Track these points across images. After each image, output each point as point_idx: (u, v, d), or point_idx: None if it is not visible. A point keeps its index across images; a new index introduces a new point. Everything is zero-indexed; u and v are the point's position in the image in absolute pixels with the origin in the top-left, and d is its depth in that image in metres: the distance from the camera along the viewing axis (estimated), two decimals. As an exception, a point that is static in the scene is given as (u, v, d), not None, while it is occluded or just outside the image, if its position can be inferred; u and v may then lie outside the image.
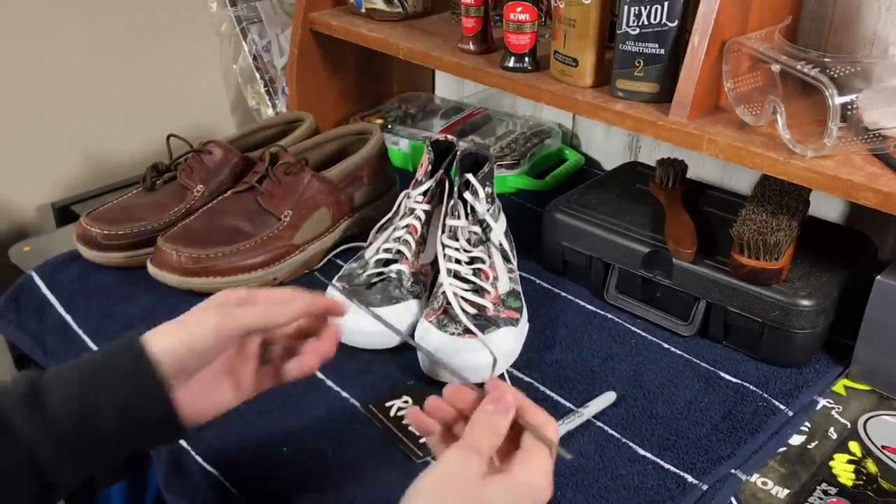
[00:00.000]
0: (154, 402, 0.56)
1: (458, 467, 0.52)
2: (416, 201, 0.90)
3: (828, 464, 0.72)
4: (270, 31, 1.33)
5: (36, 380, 0.55)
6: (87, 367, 0.56)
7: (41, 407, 0.53)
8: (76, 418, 0.54)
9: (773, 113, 0.75)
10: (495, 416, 0.55)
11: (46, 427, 0.53)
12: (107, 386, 0.55)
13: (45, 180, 1.22)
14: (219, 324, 0.58)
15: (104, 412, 0.54)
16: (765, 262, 0.80)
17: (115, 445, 0.56)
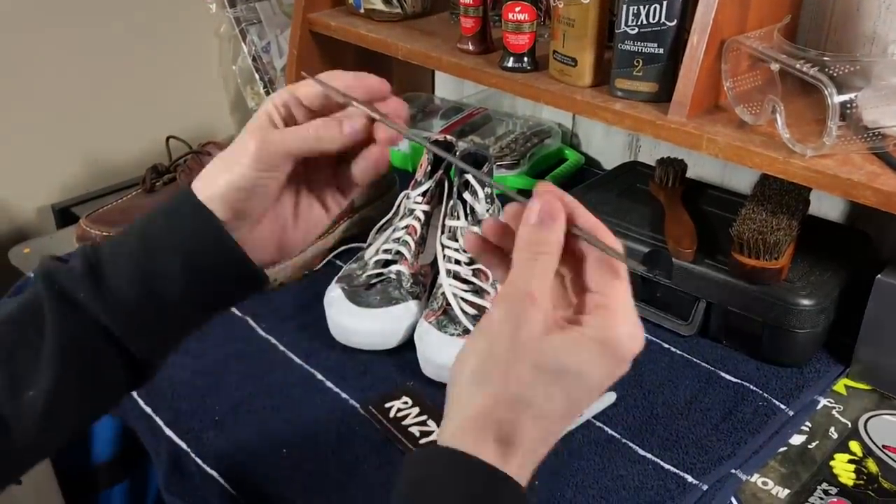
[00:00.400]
0: (219, 250, 0.51)
1: (505, 323, 0.42)
2: (416, 202, 0.90)
3: (828, 463, 0.72)
4: (270, 32, 1.33)
5: (96, 254, 0.52)
6: (145, 230, 0.52)
7: (101, 281, 0.50)
8: (141, 288, 0.50)
9: (772, 112, 0.75)
10: (541, 231, 0.43)
11: (110, 302, 0.50)
12: (167, 246, 0.51)
13: (45, 182, 1.22)
14: (257, 155, 0.51)
15: (168, 274, 0.51)
16: (765, 262, 0.79)
17: (189, 306, 0.52)
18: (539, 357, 0.42)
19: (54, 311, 0.50)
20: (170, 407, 0.79)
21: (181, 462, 0.74)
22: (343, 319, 0.85)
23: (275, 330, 0.89)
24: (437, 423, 0.75)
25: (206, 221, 0.51)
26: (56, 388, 0.50)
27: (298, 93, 0.53)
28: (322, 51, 1.19)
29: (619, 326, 0.43)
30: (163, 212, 0.53)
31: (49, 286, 0.51)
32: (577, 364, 0.42)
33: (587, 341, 0.42)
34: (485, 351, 0.43)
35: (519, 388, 0.42)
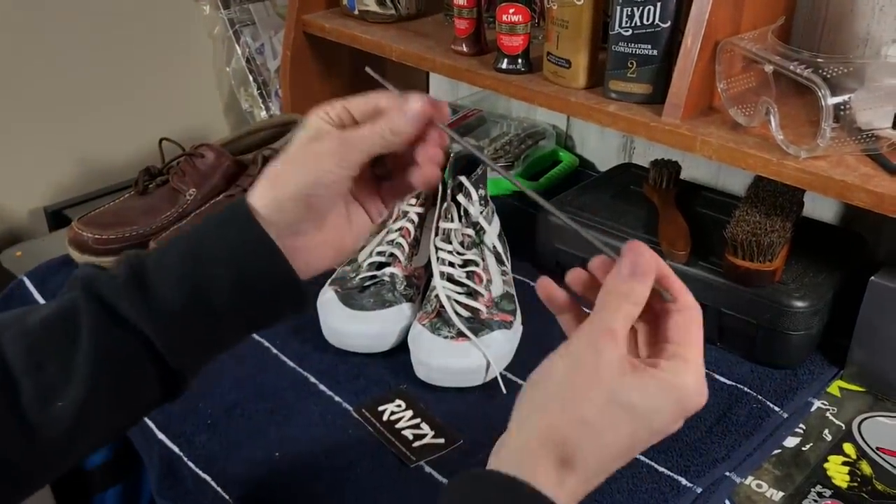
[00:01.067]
0: (270, 265, 0.52)
1: (588, 351, 0.44)
2: (409, 204, 0.90)
3: (822, 465, 0.72)
4: (263, 34, 1.33)
5: (141, 261, 0.51)
6: (196, 241, 0.52)
7: (146, 289, 0.50)
8: (186, 299, 0.50)
9: (766, 114, 0.75)
10: (632, 282, 0.46)
11: (154, 312, 0.50)
12: (217, 258, 0.51)
13: (37, 184, 1.22)
14: (339, 152, 0.52)
15: (216, 284, 0.50)
16: (758, 264, 0.79)
17: (232, 320, 0.52)
18: (614, 389, 0.44)
19: (92, 319, 0.49)
20: (162, 411, 0.77)
21: (174, 466, 0.74)
22: (336, 322, 0.84)
23: (267, 333, 0.88)
24: (430, 425, 0.75)
25: (259, 235, 0.51)
26: (87, 399, 0.49)
27: (352, 107, 0.55)
28: (316, 52, 1.19)
29: (690, 376, 0.45)
30: (214, 223, 0.53)
31: (89, 294, 0.50)
32: (647, 403, 0.44)
33: (658, 383, 0.44)
34: (563, 375, 0.45)
35: (590, 413, 0.44)
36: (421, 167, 0.56)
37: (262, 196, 0.52)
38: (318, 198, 0.53)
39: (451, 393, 0.80)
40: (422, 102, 0.54)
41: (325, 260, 0.56)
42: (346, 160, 0.53)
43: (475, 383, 0.80)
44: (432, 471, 0.71)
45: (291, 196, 0.52)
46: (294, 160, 0.53)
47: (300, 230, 0.53)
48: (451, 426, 0.76)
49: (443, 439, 0.74)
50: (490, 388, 0.80)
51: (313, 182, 0.52)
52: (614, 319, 0.45)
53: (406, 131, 0.54)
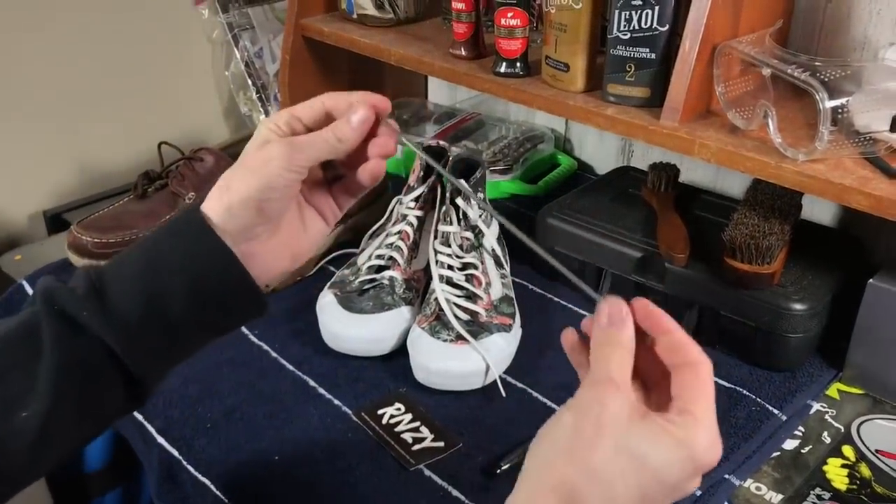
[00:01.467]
0: (226, 273, 0.52)
1: (594, 403, 0.44)
2: (409, 207, 0.90)
3: (822, 468, 0.72)
4: (262, 38, 1.33)
5: (99, 274, 0.52)
6: (150, 251, 0.53)
7: (105, 300, 0.51)
8: (145, 309, 0.51)
9: (764, 117, 0.75)
10: (611, 331, 0.47)
11: (114, 323, 0.50)
12: (173, 267, 0.52)
13: (37, 188, 1.22)
14: (288, 158, 0.53)
15: (173, 295, 0.51)
16: (757, 267, 0.79)
17: (192, 328, 0.53)
18: (622, 439, 0.43)
19: (54, 331, 0.50)
20: (161, 414, 0.78)
21: (173, 470, 0.74)
22: (335, 325, 0.84)
23: (267, 336, 0.89)
24: (429, 429, 0.75)
25: (214, 243, 0.52)
26: (52, 409, 0.49)
27: (298, 112, 0.56)
28: (315, 56, 1.19)
29: (701, 432, 0.44)
30: (169, 233, 0.53)
31: (49, 307, 0.51)
32: (657, 455, 0.43)
33: (668, 435, 0.43)
34: (571, 426, 0.45)
35: (599, 464, 0.43)
36: (367, 163, 0.58)
37: (215, 204, 0.53)
38: (269, 202, 0.54)
39: (450, 396, 0.80)
40: (364, 111, 0.56)
41: (281, 263, 0.58)
42: (294, 164, 0.54)
43: (474, 386, 0.80)
44: (432, 474, 0.71)
45: (242, 202, 0.53)
46: (244, 167, 0.54)
47: (254, 235, 0.54)
48: (451, 429, 0.76)
49: (442, 443, 0.74)
50: (489, 391, 0.80)
51: (264, 187, 0.53)
52: (610, 369, 0.45)
53: (351, 138, 0.56)
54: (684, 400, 0.45)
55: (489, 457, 0.73)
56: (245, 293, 0.54)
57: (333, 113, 0.57)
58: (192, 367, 0.84)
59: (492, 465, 0.71)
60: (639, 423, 0.43)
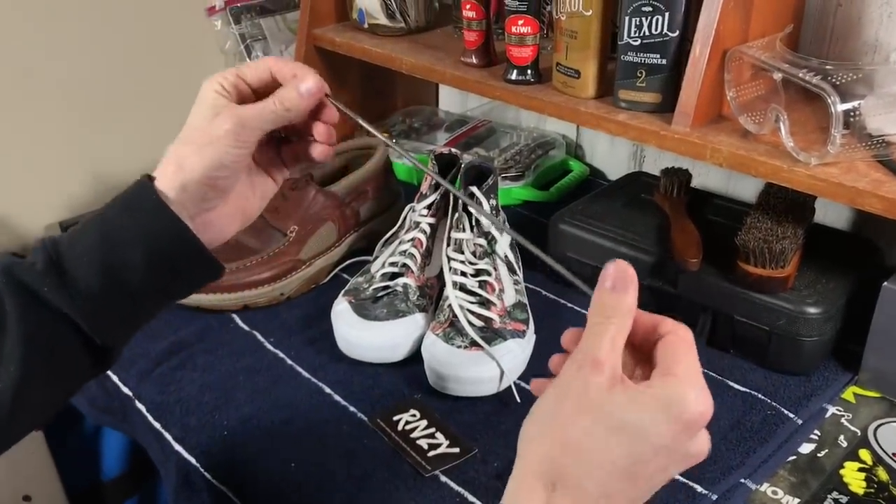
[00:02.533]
0: (180, 242, 0.54)
1: (575, 385, 0.44)
2: (421, 214, 0.90)
3: (838, 472, 0.72)
4: (274, 48, 1.34)
5: (56, 248, 0.53)
6: (104, 224, 0.54)
7: (63, 272, 0.52)
8: (103, 281, 0.53)
9: (776, 121, 0.75)
10: (612, 294, 0.45)
11: (73, 296, 0.52)
12: (128, 239, 0.53)
13: (54, 199, 1.23)
14: (235, 132, 0.55)
15: (130, 267, 0.53)
16: (771, 271, 0.79)
17: (151, 296, 0.55)
18: (601, 411, 0.43)
19: (17, 305, 0.52)
20: (179, 422, 0.79)
21: (190, 477, 0.74)
22: (350, 333, 0.85)
23: (282, 344, 0.89)
24: (444, 435, 0.75)
25: (166, 215, 0.54)
26: (21, 382, 0.51)
27: (243, 73, 0.58)
28: (326, 66, 1.20)
29: (684, 387, 0.43)
30: (121, 205, 0.55)
31: (9, 281, 0.52)
32: (638, 418, 0.42)
33: (649, 398, 0.43)
34: (551, 406, 0.45)
35: (577, 435, 0.43)
36: (317, 144, 0.61)
37: (168, 181, 0.55)
38: (221, 179, 0.56)
39: (465, 402, 0.80)
40: (313, 80, 0.57)
41: (233, 225, 0.60)
42: (242, 139, 0.55)
43: (489, 392, 0.80)
44: (448, 480, 0.71)
45: (195, 179, 0.55)
46: (194, 142, 0.56)
47: (208, 207, 0.57)
48: (466, 435, 0.76)
49: (458, 449, 0.74)
50: (504, 397, 0.80)
51: (216, 164, 0.55)
52: (599, 347, 0.44)
53: (299, 106, 0.57)
54: (664, 364, 0.44)
55: (505, 462, 0.73)
56: (200, 262, 0.56)
57: (278, 77, 0.58)
58: (209, 375, 0.84)
59: (507, 471, 0.71)
60: (619, 392, 0.43)
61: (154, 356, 0.87)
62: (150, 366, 0.86)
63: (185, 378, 0.84)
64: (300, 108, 0.57)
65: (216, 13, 1.31)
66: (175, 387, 0.83)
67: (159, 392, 0.82)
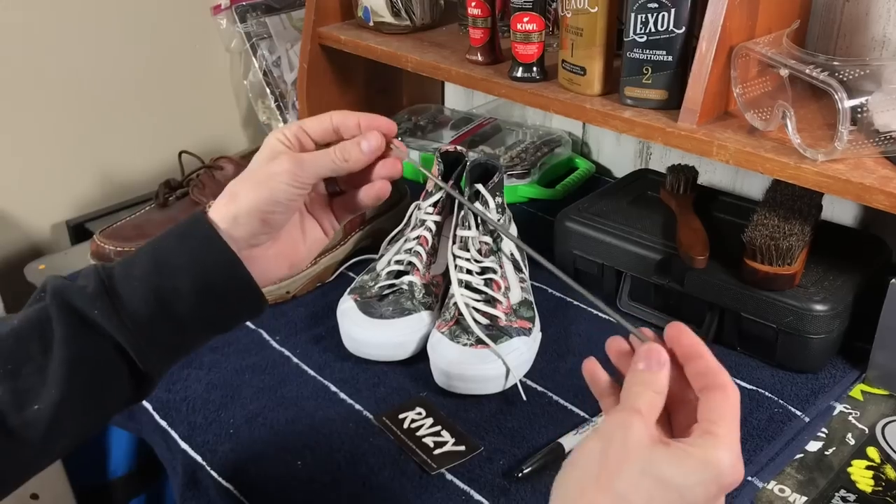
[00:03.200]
0: (230, 274, 0.55)
1: (618, 429, 0.45)
2: (427, 212, 0.90)
3: (846, 470, 0.71)
4: (280, 47, 1.34)
5: (109, 273, 0.54)
6: (160, 253, 0.55)
7: (115, 299, 0.53)
8: (153, 307, 0.53)
9: (782, 117, 0.75)
10: (647, 374, 0.47)
11: (124, 320, 0.53)
12: (180, 268, 0.54)
13: (59, 199, 1.23)
14: (293, 173, 0.56)
15: (181, 294, 0.54)
16: (778, 268, 0.79)
17: (197, 326, 0.56)
18: (646, 463, 0.43)
19: (65, 327, 0.52)
20: (185, 421, 0.79)
21: (196, 475, 0.75)
22: (356, 331, 0.85)
23: (288, 342, 0.89)
24: (450, 433, 0.75)
25: (219, 247, 0.55)
26: (62, 402, 0.51)
27: (307, 126, 0.59)
28: (332, 64, 1.20)
29: (723, 450, 0.44)
30: (175, 235, 0.56)
31: (60, 304, 0.53)
32: (681, 477, 0.43)
33: (691, 457, 0.43)
34: (597, 453, 0.45)
35: (626, 488, 0.43)
36: (373, 184, 0.61)
37: (221, 212, 0.56)
38: (273, 214, 0.57)
39: (471, 400, 0.80)
40: (377, 139, 0.59)
41: (280, 270, 0.61)
42: (298, 180, 0.56)
43: (495, 390, 0.80)
44: (453, 478, 0.71)
45: (247, 212, 0.56)
46: (251, 179, 0.57)
47: (257, 242, 0.57)
48: (472, 433, 0.76)
49: (463, 447, 0.74)
50: (510, 395, 0.80)
51: (268, 200, 0.56)
52: (638, 401, 0.46)
53: (359, 160, 0.59)
54: (709, 421, 0.45)
55: (510, 460, 0.73)
56: (247, 295, 0.57)
57: (341, 129, 0.60)
58: (215, 373, 0.84)
59: (513, 469, 0.72)
60: (662, 448, 0.44)
61: (160, 354, 0.87)
62: (157, 364, 0.86)
63: (191, 376, 0.84)
64: (359, 162, 0.59)
65: (221, 12, 1.31)
66: (181, 385, 0.83)
67: (166, 390, 0.83)
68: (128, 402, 0.57)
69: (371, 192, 0.62)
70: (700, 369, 0.47)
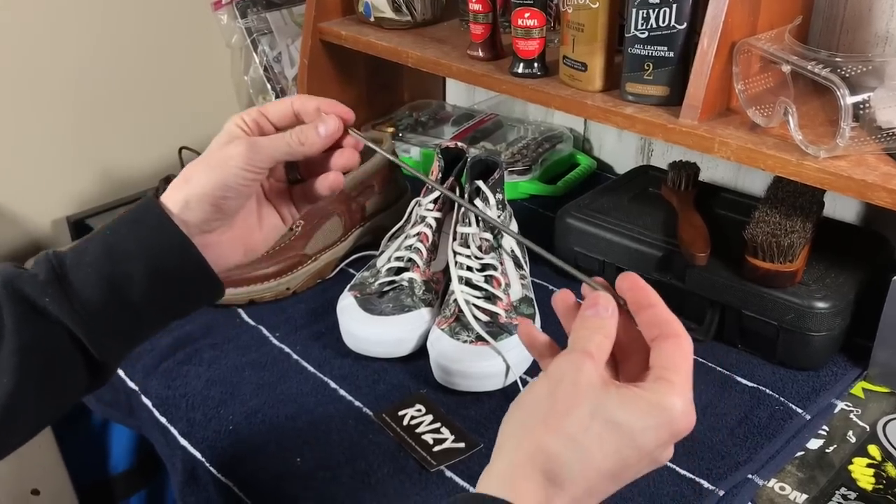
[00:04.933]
0: (183, 258, 0.54)
1: (568, 370, 0.44)
2: (427, 209, 0.90)
3: (847, 468, 0.71)
4: (280, 42, 1.34)
5: (60, 260, 0.53)
6: (112, 239, 0.54)
7: (67, 285, 0.52)
8: (105, 294, 0.53)
9: (784, 114, 0.74)
10: (596, 319, 0.47)
11: (76, 308, 0.52)
12: (132, 254, 0.53)
13: (60, 194, 1.23)
14: (247, 157, 0.55)
15: (133, 280, 0.53)
16: (779, 265, 0.79)
17: (152, 312, 0.55)
18: (597, 403, 0.43)
19: (15, 315, 0.51)
20: (184, 417, 0.79)
21: (196, 472, 0.75)
22: (356, 327, 0.85)
23: (288, 339, 0.89)
24: (450, 430, 0.75)
25: (171, 231, 0.54)
26: (15, 392, 0.51)
27: (267, 111, 0.59)
28: (333, 60, 1.20)
29: (676, 396, 0.44)
30: (126, 221, 0.55)
31: (10, 291, 0.52)
32: (632, 420, 0.43)
33: (643, 400, 0.43)
34: (545, 394, 0.45)
35: (574, 428, 0.43)
36: (328, 175, 0.61)
37: (173, 196, 0.56)
38: (226, 199, 0.56)
39: (470, 397, 0.80)
40: (334, 123, 0.59)
41: (234, 256, 0.60)
42: (252, 164, 0.56)
43: (495, 387, 0.80)
44: (453, 475, 0.71)
45: (199, 197, 0.55)
46: (204, 162, 0.57)
47: (210, 228, 0.57)
48: (472, 430, 0.76)
49: (463, 444, 0.74)
50: (510, 392, 0.80)
51: (221, 184, 0.55)
52: (589, 343, 0.46)
53: (316, 144, 0.58)
54: (662, 368, 0.45)
55: (510, 458, 0.73)
56: (202, 279, 0.56)
57: (301, 115, 0.60)
58: (215, 369, 0.84)
59: (513, 466, 0.71)
60: (614, 389, 0.44)
61: (160, 351, 0.87)
62: (156, 360, 0.86)
63: (191, 373, 0.84)
64: (315, 146, 0.58)
65: (222, 7, 1.30)
66: (181, 381, 0.83)
67: (165, 387, 0.82)
68: (84, 390, 0.56)
69: (325, 182, 0.61)
70: (653, 319, 0.47)
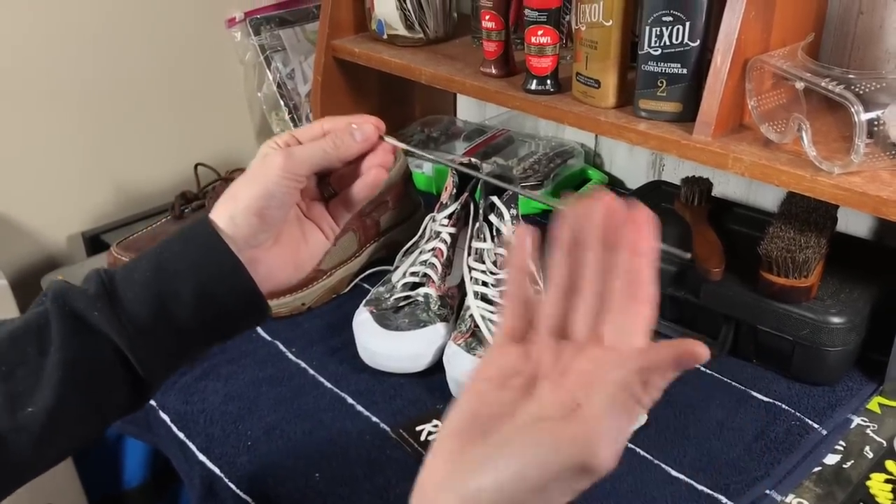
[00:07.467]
0: (232, 279, 0.55)
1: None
2: (442, 224, 0.91)
3: (865, 483, 0.71)
4: (294, 59, 1.35)
5: (110, 277, 0.54)
6: (162, 257, 0.55)
7: (116, 301, 0.53)
8: (153, 311, 0.53)
9: (798, 130, 0.75)
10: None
11: (124, 323, 0.52)
12: (181, 272, 0.54)
13: (76, 210, 1.24)
14: (284, 165, 0.57)
15: (181, 298, 0.53)
16: (794, 280, 0.79)
17: (198, 330, 0.55)
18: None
19: (63, 329, 0.52)
20: (203, 433, 0.79)
21: (214, 487, 0.75)
22: (372, 342, 0.85)
23: (304, 354, 0.90)
24: (467, 445, 0.75)
25: (222, 249, 0.55)
26: (57, 406, 0.51)
27: (298, 133, 0.60)
28: (346, 77, 1.21)
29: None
30: (178, 239, 0.56)
31: (60, 306, 0.52)
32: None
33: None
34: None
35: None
36: (367, 173, 0.62)
37: (219, 213, 0.57)
38: (269, 209, 0.57)
39: (487, 412, 0.80)
40: (370, 127, 0.61)
41: (284, 273, 0.61)
42: (290, 171, 0.57)
43: (511, 402, 0.80)
44: (470, 490, 0.71)
45: (244, 210, 0.56)
46: (245, 178, 0.58)
47: (257, 242, 0.57)
48: (488, 446, 0.76)
49: (480, 459, 0.74)
50: (526, 407, 0.80)
51: (263, 194, 0.56)
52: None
53: (351, 147, 0.60)
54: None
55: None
56: (249, 299, 0.56)
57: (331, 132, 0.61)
58: (232, 385, 0.85)
59: (530, 482, 0.71)
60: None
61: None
62: (174, 376, 0.86)
63: (208, 388, 0.85)
64: (351, 149, 0.60)
65: (236, 24, 1.32)
66: (199, 397, 0.84)
67: (183, 402, 0.83)
68: (126, 409, 0.56)
69: (366, 180, 0.62)
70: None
